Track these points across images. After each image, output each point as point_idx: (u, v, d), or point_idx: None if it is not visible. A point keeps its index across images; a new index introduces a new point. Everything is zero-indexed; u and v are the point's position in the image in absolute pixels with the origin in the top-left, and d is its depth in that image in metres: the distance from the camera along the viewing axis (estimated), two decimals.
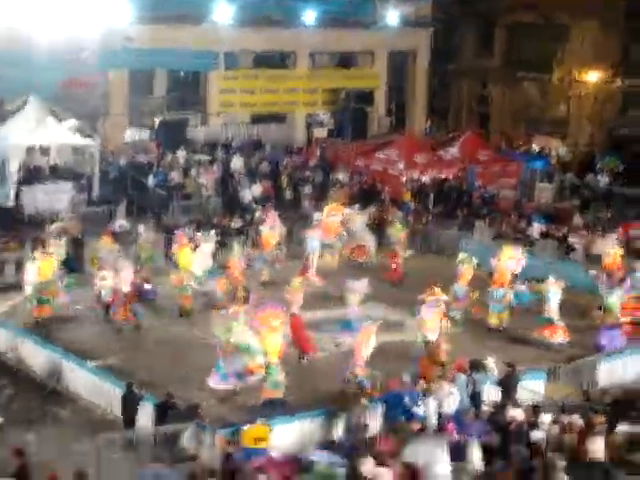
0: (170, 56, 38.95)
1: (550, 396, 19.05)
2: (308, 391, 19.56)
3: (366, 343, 19.02)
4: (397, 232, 28.58)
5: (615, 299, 23.43)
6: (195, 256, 24.61)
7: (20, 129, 31.47)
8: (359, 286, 23.45)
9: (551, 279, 23.11)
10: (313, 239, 27.31)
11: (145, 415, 17.59)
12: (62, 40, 35.76)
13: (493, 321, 23.66)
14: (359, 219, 29.14)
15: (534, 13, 47.38)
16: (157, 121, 39.49)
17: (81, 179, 32.79)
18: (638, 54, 48.60)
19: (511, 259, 24.08)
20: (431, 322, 20.43)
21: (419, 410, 17.53)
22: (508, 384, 18.86)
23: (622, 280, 24.09)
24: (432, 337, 20.16)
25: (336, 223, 28.25)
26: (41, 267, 23.16)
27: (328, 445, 16.84)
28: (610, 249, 25.97)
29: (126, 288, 22.72)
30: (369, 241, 28.91)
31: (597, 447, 15.52)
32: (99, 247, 25.50)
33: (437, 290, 21.04)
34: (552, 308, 22.86)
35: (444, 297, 21.17)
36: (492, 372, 19.15)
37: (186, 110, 41.16)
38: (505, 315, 23.71)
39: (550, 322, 22.77)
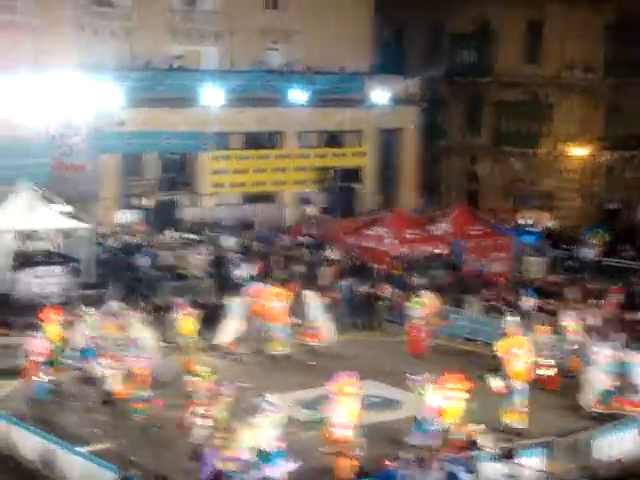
0: (161, 139, 39.35)
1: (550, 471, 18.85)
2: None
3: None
4: (418, 305, 28.73)
5: None
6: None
7: (11, 214, 31.56)
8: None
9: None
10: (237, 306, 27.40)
11: None
12: (53, 124, 36.22)
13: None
14: (314, 301, 28.27)
15: (519, 90, 48.17)
16: (145, 202, 39.65)
17: (72, 263, 32.75)
18: (621, 128, 49.39)
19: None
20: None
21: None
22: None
23: None
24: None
25: (281, 309, 27.28)
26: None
27: None
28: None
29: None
30: (324, 324, 27.98)
31: None
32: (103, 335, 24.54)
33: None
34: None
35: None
36: (488, 450, 18.99)
37: (177, 191, 41.40)
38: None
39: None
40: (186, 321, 26.18)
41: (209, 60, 42.91)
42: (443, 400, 19.79)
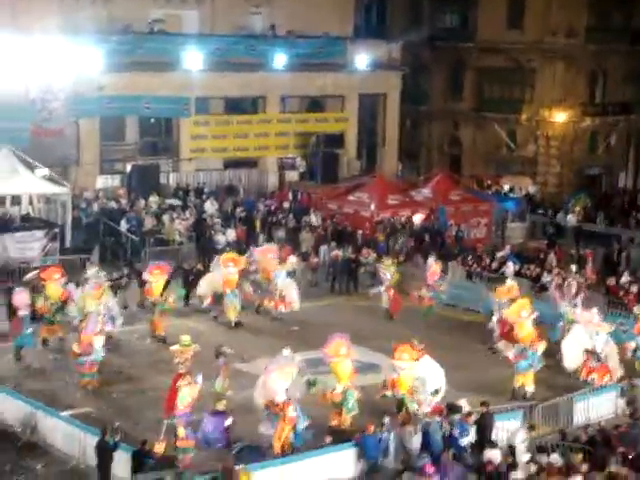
0: (141, 103, 39.04)
1: (527, 436, 19.01)
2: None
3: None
4: (387, 268, 29.01)
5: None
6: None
7: None
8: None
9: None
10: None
11: (121, 464, 17.38)
12: (33, 89, 35.93)
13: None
14: (281, 269, 28.16)
15: (502, 56, 48.09)
16: (129, 167, 39.44)
17: (53, 227, 32.63)
18: (604, 94, 49.50)
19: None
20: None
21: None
22: (483, 424, 18.85)
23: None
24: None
25: (235, 276, 27.23)
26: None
27: None
28: None
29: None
30: (292, 292, 27.93)
31: None
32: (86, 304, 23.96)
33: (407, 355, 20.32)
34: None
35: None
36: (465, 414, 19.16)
37: (158, 156, 41.17)
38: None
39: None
40: (157, 283, 25.91)
41: (190, 24, 42.43)
42: (396, 370, 19.97)
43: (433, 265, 29.07)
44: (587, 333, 23.06)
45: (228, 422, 18.93)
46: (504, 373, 23.08)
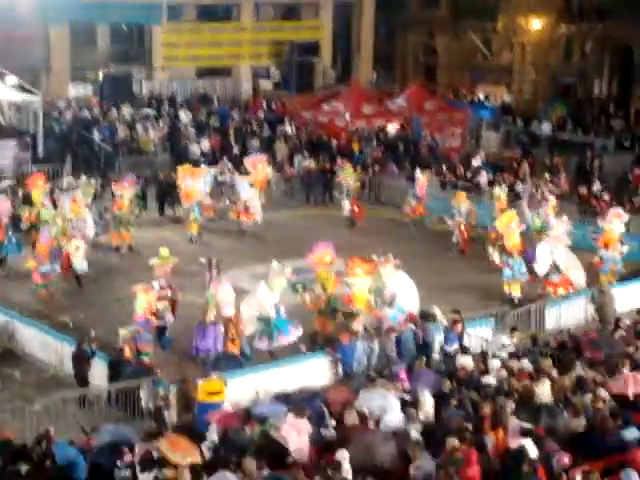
0: (112, 8, 38.33)
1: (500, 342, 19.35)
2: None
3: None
4: (348, 175, 29.10)
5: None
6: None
7: None
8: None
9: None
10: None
11: (98, 372, 17.60)
12: None
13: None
14: (243, 180, 28.04)
15: None
16: (101, 75, 38.88)
17: (25, 136, 32.29)
18: (580, 1, 48.97)
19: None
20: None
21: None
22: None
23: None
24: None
25: (195, 188, 26.79)
26: None
27: (283, 397, 16.98)
28: None
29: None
30: (256, 204, 27.64)
31: (545, 390, 15.87)
32: (69, 214, 24.17)
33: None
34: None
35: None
36: (440, 321, 19.45)
37: (130, 64, 40.60)
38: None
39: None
40: (125, 196, 25.80)
41: None
42: (349, 286, 19.80)
43: (421, 177, 28.85)
44: (549, 246, 23.15)
45: (220, 331, 19.14)
46: (477, 279, 23.45)
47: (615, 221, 23.69)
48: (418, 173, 29.26)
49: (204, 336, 19.04)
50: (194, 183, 26.87)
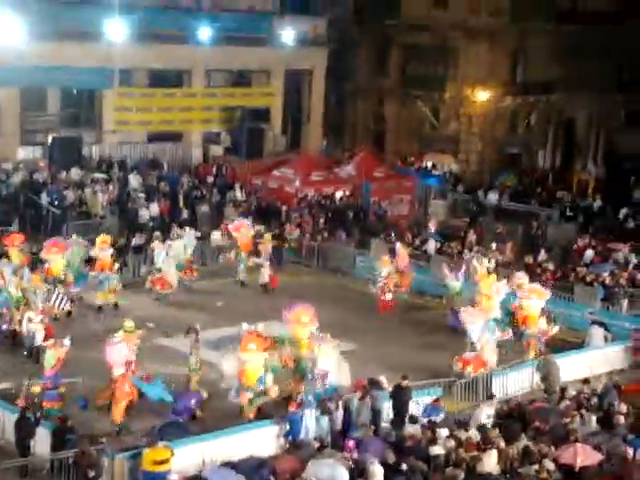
0: (63, 73, 38.32)
1: (447, 411, 19.43)
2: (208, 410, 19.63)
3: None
4: (267, 241, 29.69)
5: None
6: None
7: None
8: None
9: None
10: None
11: (41, 441, 17.28)
12: None
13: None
14: (161, 248, 27.59)
15: (427, 34, 48.40)
16: (50, 139, 38.77)
17: None
18: (526, 74, 50.24)
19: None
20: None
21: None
22: (401, 398, 19.15)
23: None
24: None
25: (108, 257, 26.37)
26: None
27: (231, 466, 16.82)
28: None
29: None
30: (171, 272, 27.42)
31: (492, 461, 15.95)
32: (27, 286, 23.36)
33: None
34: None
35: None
36: (387, 389, 19.47)
37: (80, 128, 40.56)
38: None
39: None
40: (55, 262, 25.42)
41: None
42: (243, 361, 19.54)
43: (401, 249, 28.70)
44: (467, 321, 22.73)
45: (197, 399, 19.51)
46: (415, 351, 23.61)
47: (533, 297, 23.54)
48: (398, 246, 28.98)
49: (183, 402, 19.28)
50: (109, 253, 26.47)
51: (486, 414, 18.53)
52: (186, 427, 18.43)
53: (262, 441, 18.23)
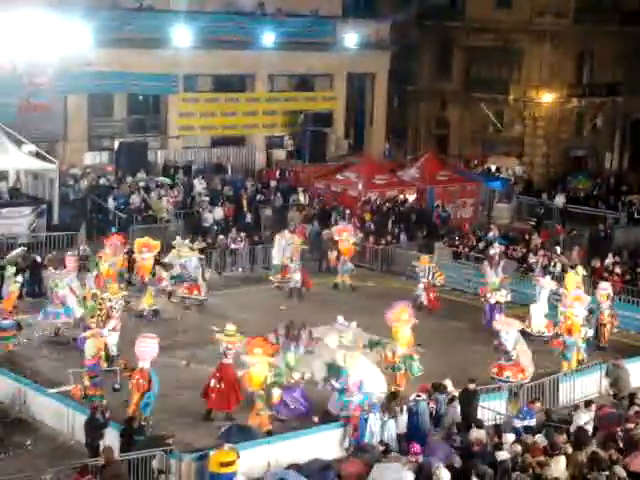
0: (129, 79, 38.91)
1: (512, 415, 19.22)
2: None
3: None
4: (298, 246, 29.41)
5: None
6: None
7: None
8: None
9: None
10: None
11: (110, 442, 17.47)
12: (20, 64, 35.76)
13: None
14: (193, 254, 27.33)
15: (491, 36, 48.07)
16: (117, 144, 39.34)
17: (41, 203, 32.59)
18: (592, 75, 49.61)
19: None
20: None
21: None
22: (469, 401, 19.01)
23: None
24: None
25: (151, 261, 26.22)
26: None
27: (296, 468, 16.83)
28: None
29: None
30: (201, 279, 27.27)
31: (560, 466, 15.73)
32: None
33: None
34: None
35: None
36: (452, 393, 19.32)
37: (146, 133, 41.09)
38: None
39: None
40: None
41: (178, 1, 42.29)
42: (248, 366, 19.26)
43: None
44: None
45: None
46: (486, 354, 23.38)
47: (576, 305, 23.15)
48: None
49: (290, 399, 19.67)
50: (150, 256, 26.33)
51: (584, 419, 18.22)
52: (250, 430, 18.49)
53: (327, 444, 18.22)
